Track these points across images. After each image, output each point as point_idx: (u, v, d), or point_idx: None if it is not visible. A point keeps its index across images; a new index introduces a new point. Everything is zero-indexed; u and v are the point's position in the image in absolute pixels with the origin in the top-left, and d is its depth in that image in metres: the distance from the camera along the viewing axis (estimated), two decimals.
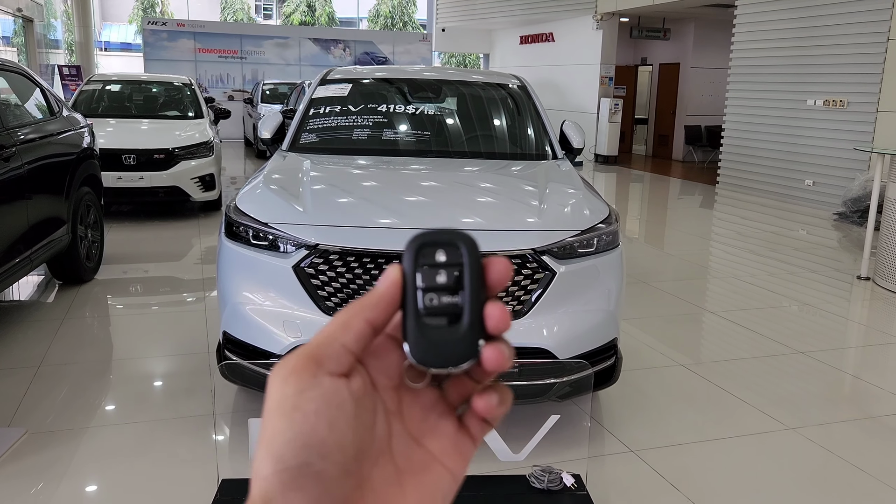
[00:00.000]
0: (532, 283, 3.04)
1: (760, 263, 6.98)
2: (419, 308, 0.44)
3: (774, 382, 4.10)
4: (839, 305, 5.74)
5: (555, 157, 4.28)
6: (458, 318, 0.44)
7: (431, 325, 0.44)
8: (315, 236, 3.02)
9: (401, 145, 4.27)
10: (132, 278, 5.90)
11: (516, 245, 3.03)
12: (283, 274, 3.01)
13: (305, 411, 0.41)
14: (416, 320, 0.44)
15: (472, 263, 0.44)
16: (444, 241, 0.44)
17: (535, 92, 4.67)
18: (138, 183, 7.55)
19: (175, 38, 18.14)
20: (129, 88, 9.34)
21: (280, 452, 0.40)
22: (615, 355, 3.31)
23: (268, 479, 0.40)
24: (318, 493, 0.40)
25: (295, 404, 0.41)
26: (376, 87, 4.68)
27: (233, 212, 3.27)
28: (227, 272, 3.22)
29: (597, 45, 15.56)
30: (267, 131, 4.31)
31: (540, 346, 3.03)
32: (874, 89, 9.32)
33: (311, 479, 0.40)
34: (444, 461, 0.46)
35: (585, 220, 3.28)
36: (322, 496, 0.40)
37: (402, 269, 0.45)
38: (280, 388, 0.42)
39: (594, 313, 3.19)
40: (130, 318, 5.01)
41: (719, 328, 5.03)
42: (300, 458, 0.40)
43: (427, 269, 0.44)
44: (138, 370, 4.03)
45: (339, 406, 0.42)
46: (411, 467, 0.45)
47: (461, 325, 0.43)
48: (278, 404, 0.41)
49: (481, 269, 0.44)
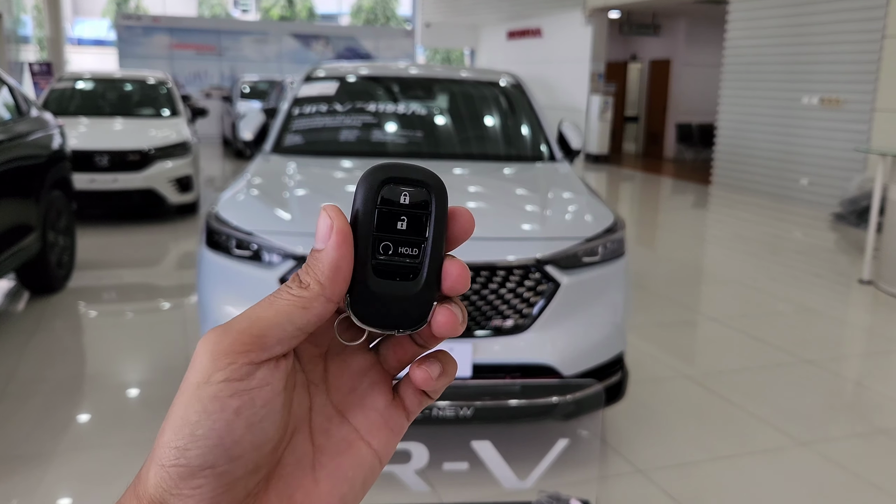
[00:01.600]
0: (535, 296, 2.83)
1: (761, 267, 6.82)
2: (370, 257, 0.38)
3: (783, 394, 3.92)
4: (843, 311, 5.59)
5: (552, 159, 4.08)
6: (414, 273, 0.38)
7: (381, 279, 0.38)
8: (303, 245, 2.80)
9: (391, 147, 4.05)
10: (106, 286, 5.64)
11: (517, 255, 2.82)
12: (268, 286, 2.78)
13: (225, 406, 0.35)
14: (363, 271, 0.38)
15: (439, 211, 0.39)
16: (412, 179, 0.39)
17: (530, 90, 4.46)
18: (112, 185, 7.26)
19: (150, 34, 17.81)
20: (102, 86, 9.03)
21: (184, 445, 0.35)
22: (622, 370, 3.12)
23: (165, 468, 0.35)
24: (216, 492, 0.35)
25: (216, 393, 0.35)
26: (364, 85, 4.46)
27: (214, 220, 3.05)
28: (208, 285, 3.00)
29: (586, 40, 15.37)
30: (248, 132, 4.08)
31: (543, 362, 2.83)
32: (869, 87, 9.19)
33: (212, 479, 0.35)
34: (369, 439, 0.41)
35: (590, 227, 3.07)
36: (220, 496, 0.36)
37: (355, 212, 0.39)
38: (206, 365, 0.36)
39: (600, 326, 3.00)
40: (105, 330, 4.75)
41: (722, 336, 4.85)
42: (205, 460, 0.35)
43: (386, 212, 0.38)
44: (113, 387, 3.79)
45: (266, 403, 0.36)
46: (331, 446, 0.40)
47: (417, 282, 0.38)
48: (197, 385, 0.36)
49: (445, 219, 0.39)
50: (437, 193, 0.39)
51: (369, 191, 0.38)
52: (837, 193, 9.55)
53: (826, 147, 9.95)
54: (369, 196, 0.38)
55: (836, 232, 8.83)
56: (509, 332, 2.80)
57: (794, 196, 10.49)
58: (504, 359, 2.81)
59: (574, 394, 2.89)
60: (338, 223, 0.37)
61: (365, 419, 0.41)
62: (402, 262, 0.38)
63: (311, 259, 0.38)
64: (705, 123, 15.83)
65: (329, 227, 0.37)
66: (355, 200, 0.39)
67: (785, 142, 10.60)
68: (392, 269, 0.38)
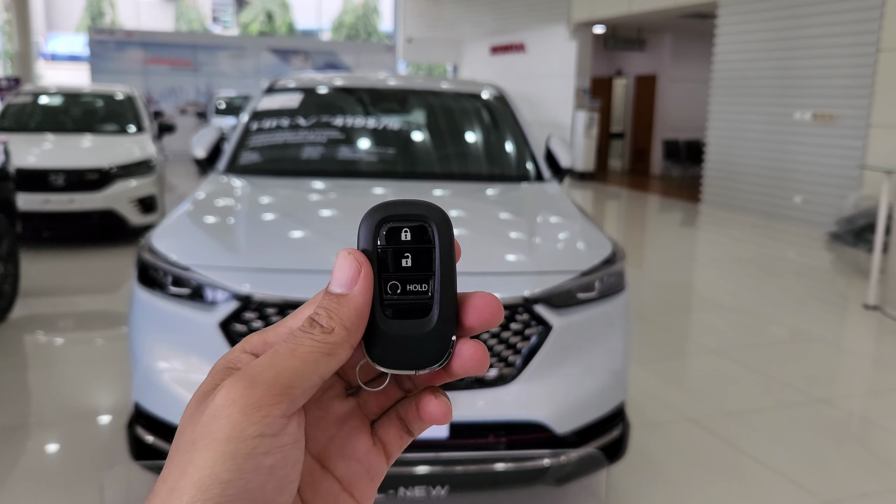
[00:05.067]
0: (522, 340, 2.42)
1: (759, 290, 6.45)
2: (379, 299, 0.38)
3: (798, 440, 3.52)
4: (850, 340, 5.21)
5: (540, 179, 3.68)
6: (427, 309, 0.38)
7: (394, 320, 0.38)
8: (249, 283, 2.37)
9: (361, 166, 3.63)
10: (53, 317, 5.15)
11: (502, 292, 2.40)
12: (207, 332, 2.35)
13: (260, 465, 0.34)
14: (375, 314, 0.38)
15: (444, 242, 0.39)
16: (410, 215, 0.39)
17: (515, 104, 4.07)
18: (68, 206, 6.78)
19: (123, 49, 17.39)
20: (63, 101, 8.56)
21: None
22: (623, 422, 2.70)
23: None
24: None
25: (251, 451, 0.33)
26: (332, 97, 4.05)
27: (147, 252, 2.61)
28: (138, 328, 2.55)
29: (571, 55, 15.09)
30: (201, 149, 3.65)
31: (533, 419, 2.41)
32: (864, 102, 8.91)
33: None
34: (352, 490, 0.40)
35: (585, 258, 2.67)
36: None
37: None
38: (237, 419, 0.34)
39: (598, 374, 2.58)
40: (47, 369, 4.27)
41: (724, 370, 4.45)
42: None
43: (389, 251, 0.38)
44: (43, 441, 3.32)
45: (296, 462, 0.35)
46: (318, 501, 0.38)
47: (430, 318, 0.38)
48: (227, 441, 0.33)
49: (453, 250, 0.39)
50: (439, 225, 0.38)
51: (369, 232, 0.38)
52: (832, 212, 9.25)
53: (819, 164, 9.65)
54: (369, 238, 0.38)
55: (831, 252, 8.51)
56: (492, 383, 2.39)
57: (786, 214, 10.17)
58: (487, 416, 2.38)
59: (569, 454, 2.47)
60: (366, 269, 0.38)
61: (347, 469, 0.40)
62: (413, 300, 0.38)
63: (330, 303, 0.37)
64: (693, 140, 15.58)
65: (357, 271, 0.37)
66: (358, 244, 0.39)
67: (777, 158, 10.31)
68: (404, 308, 0.38)
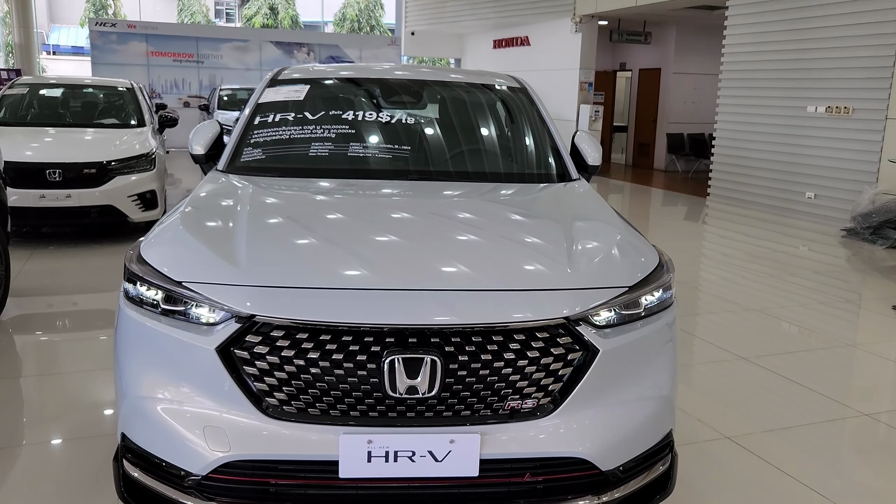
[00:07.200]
0: (563, 367, 2.12)
1: (780, 290, 6.16)
2: None
3: (848, 462, 3.25)
4: (886, 345, 4.93)
5: (567, 178, 3.39)
6: None
7: None
8: (252, 302, 2.06)
9: (372, 164, 3.33)
10: (46, 318, 4.85)
11: (538, 313, 2.10)
12: (203, 358, 2.05)
13: None
14: None
15: None
16: None
17: (538, 96, 3.77)
18: (65, 202, 6.52)
19: (125, 41, 17.05)
20: (60, 93, 8.27)
21: None
22: (671, 453, 2.41)
23: None
24: None
25: None
26: (341, 89, 3.75)
27: (135, 263, 2.30)
28: (125, 351, 2.25)
29: (575, 49, 14.79)
30: (199, 146, 3.35)
31: (575, 454, 2.11)
32: (883, 95, 8.63)
33: None
34: None
35: (632, 270, 2.37)
36: None
37: None
38: None
39: (647, 402, 2.28)
40: (37, 377, 3.97)
41: (759, 381, 4.17)
42: None
43: None
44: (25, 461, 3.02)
45: None
46: None
47: None
48: None
49: None
50: None
51: None
52: (846, 207, 8.99)
53: (834, 158, 9.37)
54: None
55: (847, 248, 8.24)
56: (528, 416, 2.09)
57: (798, 210, 9.90)
58: (522, 451, 2.09)
59: (612, 493, 2.18)
60: None
61: None
62: None
63: None
64: (697, 133, 15.30)
65: None
66: None
67: (789, 153, 10.02)
68: None
